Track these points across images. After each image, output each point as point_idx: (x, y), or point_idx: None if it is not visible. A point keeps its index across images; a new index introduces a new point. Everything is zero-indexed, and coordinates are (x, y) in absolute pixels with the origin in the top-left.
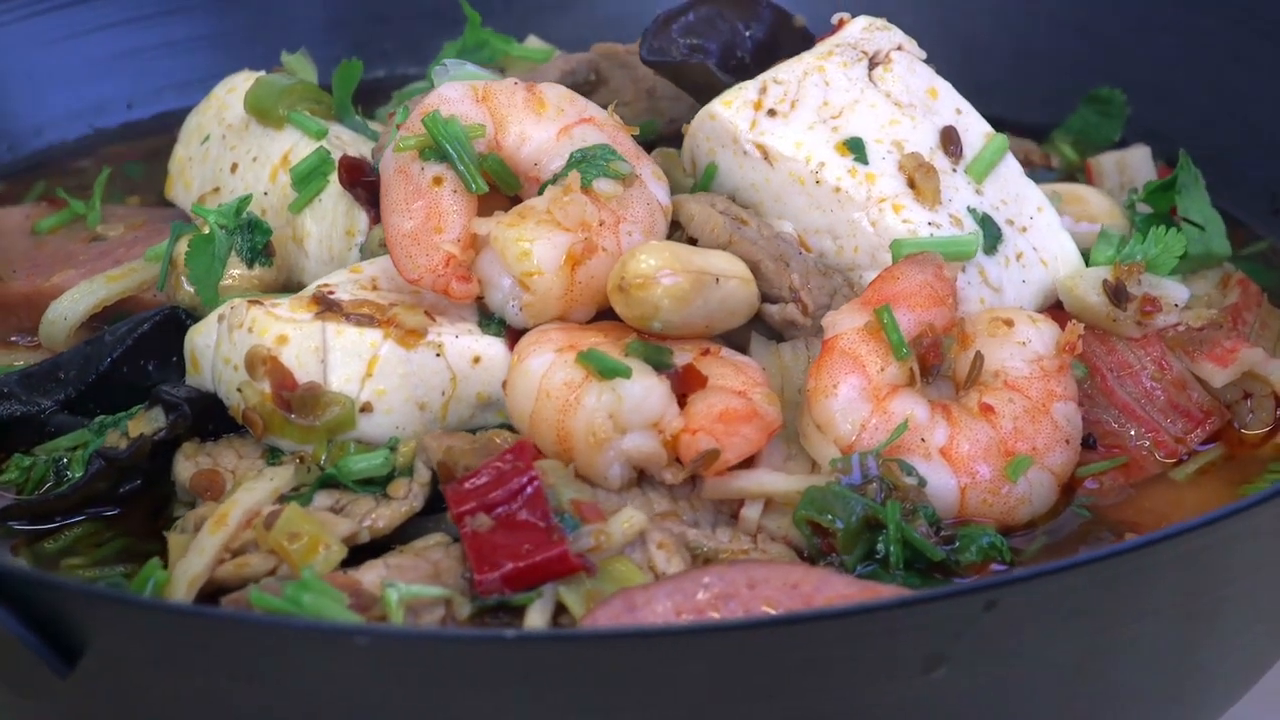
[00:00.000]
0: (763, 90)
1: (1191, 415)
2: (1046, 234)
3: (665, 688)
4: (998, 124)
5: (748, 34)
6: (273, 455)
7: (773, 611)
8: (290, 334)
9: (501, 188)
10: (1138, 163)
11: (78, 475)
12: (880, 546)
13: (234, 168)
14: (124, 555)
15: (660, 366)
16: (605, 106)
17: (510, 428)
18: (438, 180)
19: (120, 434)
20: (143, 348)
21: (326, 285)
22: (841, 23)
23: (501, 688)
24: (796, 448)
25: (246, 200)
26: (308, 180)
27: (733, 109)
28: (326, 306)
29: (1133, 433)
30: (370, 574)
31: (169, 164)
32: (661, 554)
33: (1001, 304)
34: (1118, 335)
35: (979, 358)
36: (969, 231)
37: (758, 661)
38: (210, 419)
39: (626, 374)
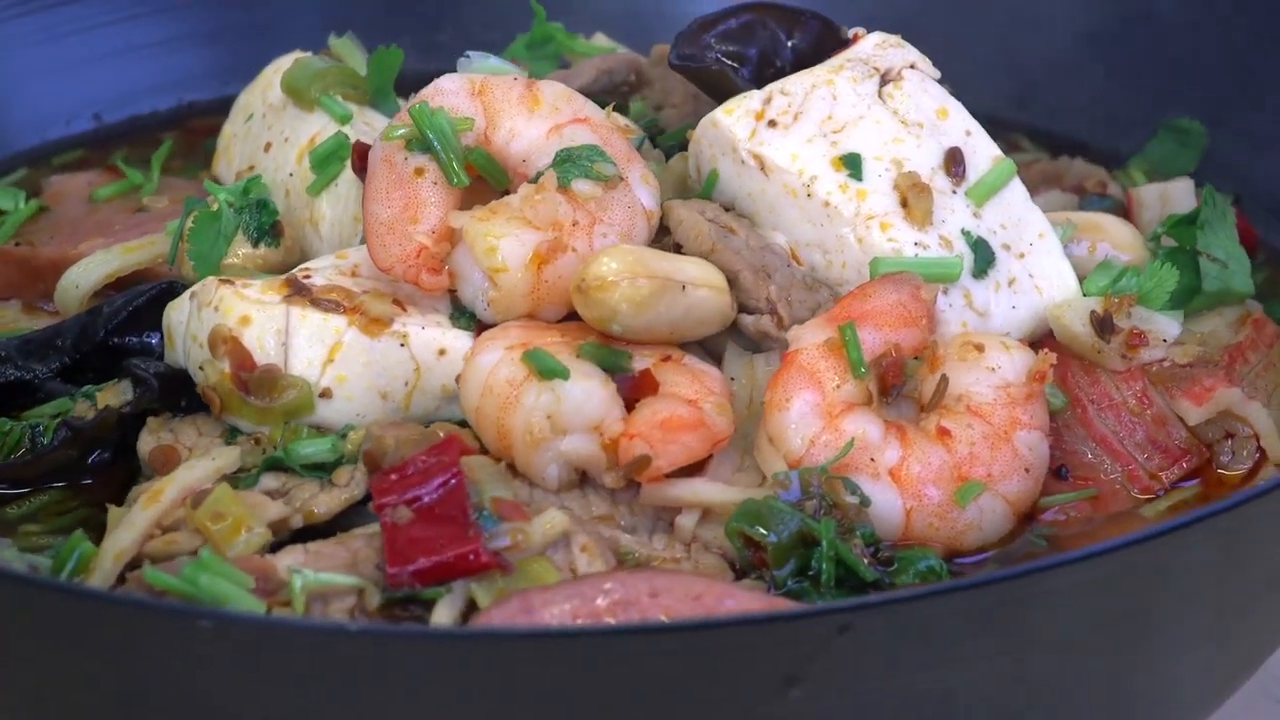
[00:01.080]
0: (767, 100)
1: (1169, 452)
2: (1045, 261)
3: (511, 691)
4: (1075, 147)
5: (789, 43)
6: (232, 435)
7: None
8: (254, 315)
9: (490, 182)
10: (1179, 195)
11: (49, 442)
12: (814, 564)
13: (267, 147)
14: (83, 525)
15: (615, 370)
16: (655, 109)
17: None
18: (419, 171)
19: (90, 404)
20: (138, 320)
21: (306, 269)
22: (856, 37)
23: (351, 681)
24: (751, 459)
25: (256, 180)
26: (325, 164)
27: (733, 117)
28: (296, 290)
29: (1107, 465)
30: (287, 559)
31: (217, 140)
32: (584, 557)
33: (987, 328)
34: (1102, 367)
35: (943, 380)
36: (958, 254)
37: (607, 671)
38: (182, 395)
39: (564, 376)
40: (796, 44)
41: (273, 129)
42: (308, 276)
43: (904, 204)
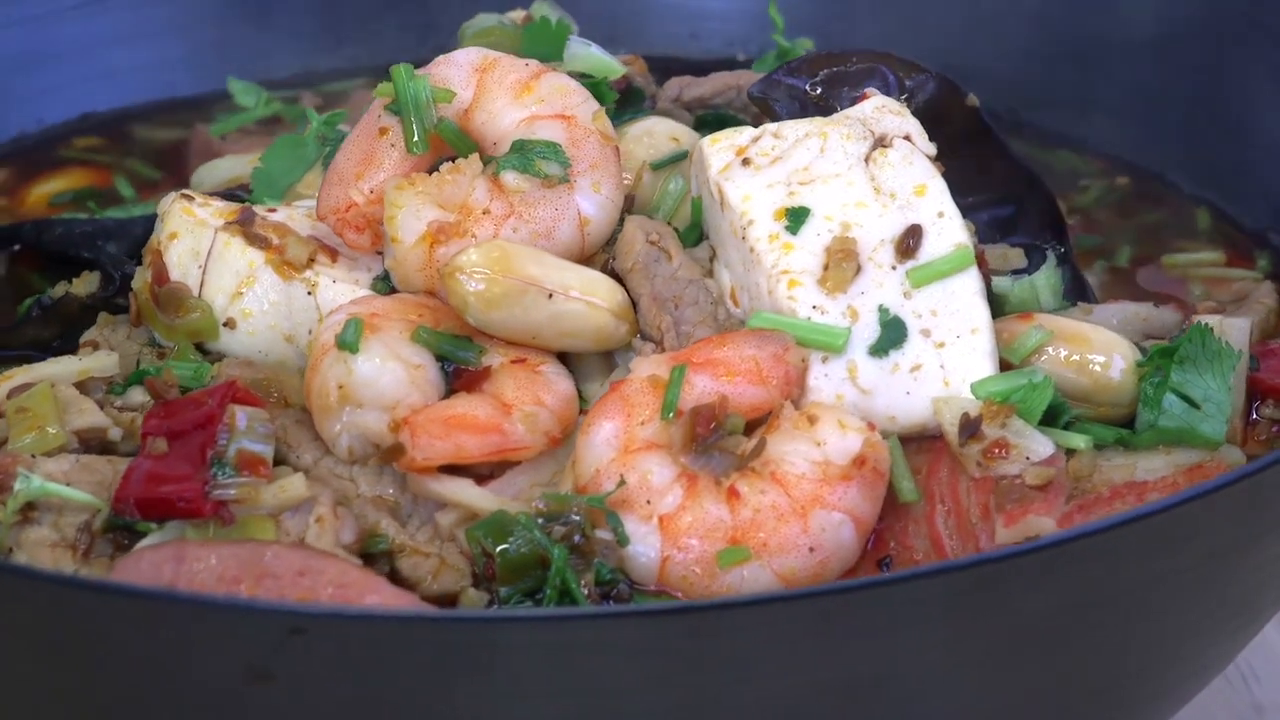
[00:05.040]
0: (756, 139)
1: None
2: (967, 358)
3: (45, 636)
4: None
5: (902, 98)
6: (150, 344)
7: (294, 600)
8: (181, 233)
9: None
10: (1235, 332)
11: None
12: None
13: None
14: None
15: (454, 359)
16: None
17: None
18: (383, 131)
19: (66, 287)
20: None
21: (278, 205)
22: (865, 96)
23: None
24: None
25: (339, 115)
26: None
27: (716, 148)
28: (242, 220)
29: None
30: (53, 465)
31: None
32: (316, 528)
33: (870, 407)
34: (965, 470)
35: (760, 443)
36: (864, 326)
37: (84, 628)
38: None
39: (352, 350)
40: (916, 100)
41: None
42: (272, 210)
43: (826, 267)
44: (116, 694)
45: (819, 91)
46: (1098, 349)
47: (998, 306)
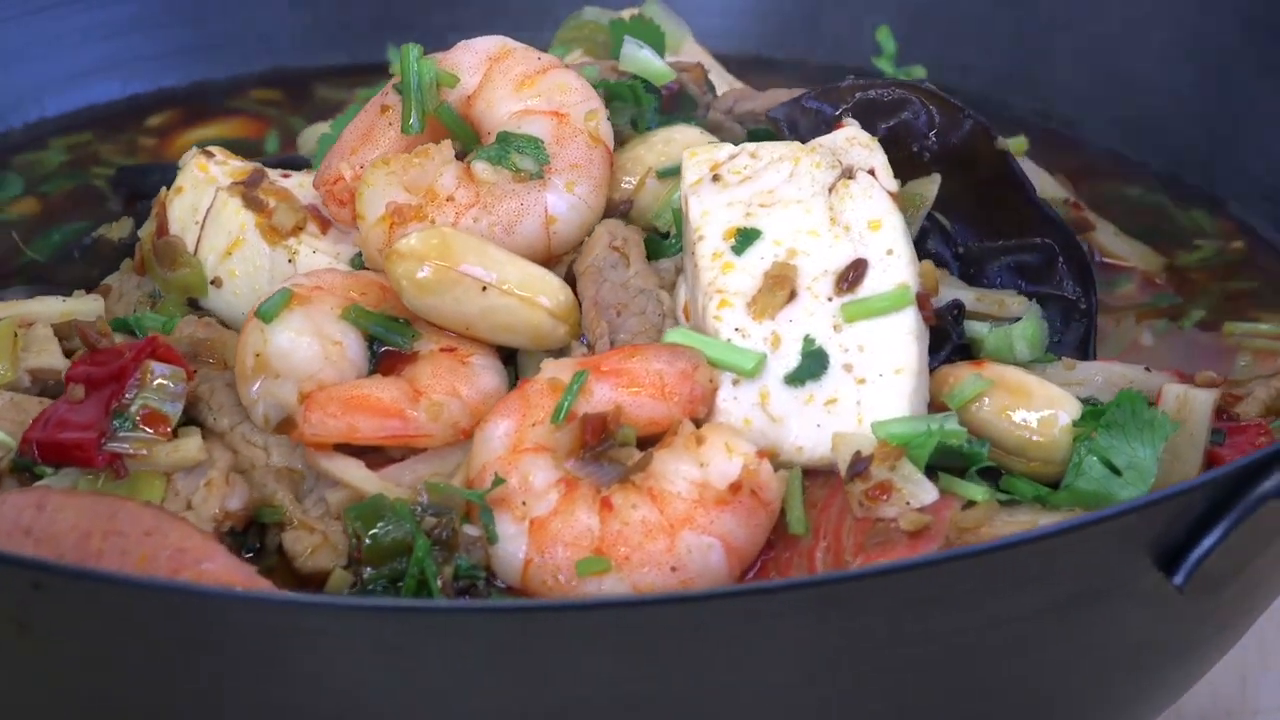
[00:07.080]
0: (733, 156)
1: None
2: (884, 397)
3: None
4: None
5: (932, 132)
6: (153, 294)
7: (129, 558)
8: (186, 188)
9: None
10: (1197, 405)
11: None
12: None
13: None
14: None
15: (385, 341)
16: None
17: None
18: (385, 109)
19: (106, 229)
20: None
21: (295, 172)
22: (840, 124)
23: None
24: None
25: None
26: None
27: (693, 161)
28: (249, 182)
29: None
30: None
31: None
32: (203, 492)
33: (778, 435)
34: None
35: (646, 457)
36: (783, 354)
37: None
38: None
39: (266, 320)
40: (944, 137)
41: None
42: (287, 175)
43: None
44: None
45: (848, 119)
46: (1038, 404)
47: (972, 352)
